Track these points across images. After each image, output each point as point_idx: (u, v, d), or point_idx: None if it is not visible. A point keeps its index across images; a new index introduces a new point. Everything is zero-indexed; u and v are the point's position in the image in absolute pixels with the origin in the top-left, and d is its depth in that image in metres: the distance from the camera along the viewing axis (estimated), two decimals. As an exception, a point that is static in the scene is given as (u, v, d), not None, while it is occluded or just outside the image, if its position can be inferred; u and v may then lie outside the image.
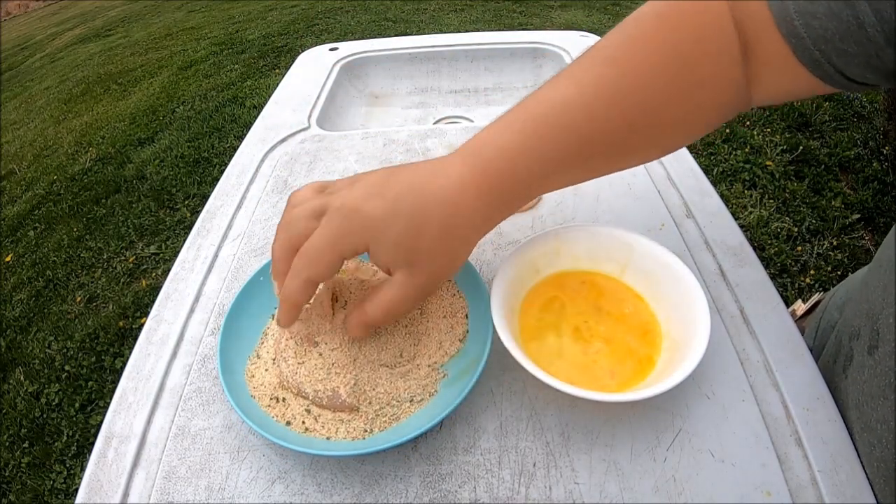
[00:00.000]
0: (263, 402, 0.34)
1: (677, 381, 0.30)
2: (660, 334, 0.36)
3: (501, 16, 3.65)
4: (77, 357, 1.57)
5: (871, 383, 0.31)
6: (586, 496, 0.30)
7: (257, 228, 0.50)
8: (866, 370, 0.32)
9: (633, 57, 0.32)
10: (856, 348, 0.34)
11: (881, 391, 0.30)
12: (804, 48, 0.28)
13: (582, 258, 0.40)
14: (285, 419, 0.33)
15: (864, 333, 0.33)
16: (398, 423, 0.32)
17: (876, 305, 0.32)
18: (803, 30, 0.27)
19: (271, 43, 3.62)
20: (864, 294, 0.35)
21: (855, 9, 0.25)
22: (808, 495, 0.29)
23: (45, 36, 5.83)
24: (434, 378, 0.35)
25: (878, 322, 0.31)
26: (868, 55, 0.26)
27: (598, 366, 0.34)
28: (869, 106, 2.16)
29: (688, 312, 0.34)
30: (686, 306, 0.35)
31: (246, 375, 0.35)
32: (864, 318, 0.33)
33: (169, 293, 0.45)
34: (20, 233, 2.22)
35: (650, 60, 0.31)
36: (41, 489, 1.27)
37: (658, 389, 0.30)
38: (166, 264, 1.85)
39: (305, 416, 0.33)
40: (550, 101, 0.32)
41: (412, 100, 0.82)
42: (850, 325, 0.36)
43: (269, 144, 0.63)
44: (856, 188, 1.79)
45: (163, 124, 2.80)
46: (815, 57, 0.28)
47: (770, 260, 1.57)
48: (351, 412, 0.33)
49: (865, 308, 0.34)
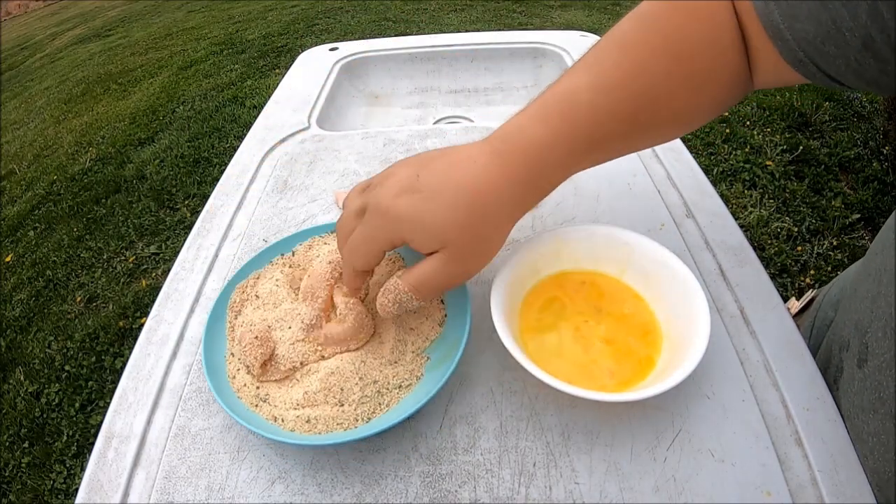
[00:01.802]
0: (250, 403, 0.34)
1: (677, 380, 0.30)
2: (660, 334, 0.36)
3: (501, 16, 3.65)
4: (77, 357, 1.57)
5: (861, 396, 0.31)
6: (586, 496, 0.30)
7: (257, 228, 0.50)
8: (856, 383, 0.32)
9: (646, 43, 0.33)
10: (846, 360, 0.34)
11: (871, 405, 0.30)
12: (789, 49, 0.28)
13: (582, 258, 0.40)
14: (272, 416, 0.33)
15: (854, 346, 0.33)
16: (389, 410, 0.33)
17: (865, 317, 0.32)
18: (788, 32, 0.28)
19: (271, 43, 3.62)
20: (853, 303, 0.35)
21: (831, 11, 0.25)
22: (808, 495, 0.29)
23: (45, 36, 5.83)
24: (419, 363, 0.36)
25: (867, 335, 0.31)
26: (847, 58, 0.26)
27: (597, 366, 0.34)
28: (869, 106, 2.16)
29: (688, 313, 0.34)
30: (686, 306, 0.35)
31: (227, 376, 0.36)
32: (854, 330, 0.33)
33: (169, 293, 0.45)
34: (20, 233, 2.22)
35: (662, 46, 0.32)
36: (41, 489, 1.27)
37: (658, 389, 0.30)
38: (166, 264, 1.85)
39: (296, 414, 0.33)
40: (571, 90, 0.33)
41: (412, 100, 0.82)
42: (840, 335, 0.36)
43: (269, 144, 0.63)
44: (856, 188, 1.79)
45: (163, 124, 2.80)
46: (799, 57, 0.28)
47: (770, 260, 1.57)
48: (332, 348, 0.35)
49: (854, 319, 0.34)
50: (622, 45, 0.33)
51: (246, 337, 0.35)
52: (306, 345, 0.36)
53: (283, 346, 0.36)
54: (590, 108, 0.32)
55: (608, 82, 0.32)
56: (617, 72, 0.32)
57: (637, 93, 0.32)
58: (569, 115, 0.32)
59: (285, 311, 0.37)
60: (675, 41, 0.32)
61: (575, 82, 0.33)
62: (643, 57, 0.32)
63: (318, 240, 0.44)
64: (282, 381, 0.35)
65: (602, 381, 0.34)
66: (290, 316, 0.37)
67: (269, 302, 0.39)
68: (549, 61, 0.81)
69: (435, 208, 0.30)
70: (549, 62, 0.80)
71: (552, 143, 0.32)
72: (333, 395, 0.33)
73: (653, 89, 0.32)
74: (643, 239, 0.38)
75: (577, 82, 0.33)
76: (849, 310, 0.36)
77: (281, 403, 0.34)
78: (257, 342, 0.35)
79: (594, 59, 0.34)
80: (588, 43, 0.81)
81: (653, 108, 0.33)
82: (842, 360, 0.34)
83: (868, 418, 0.30)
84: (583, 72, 0.33)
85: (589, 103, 0.32)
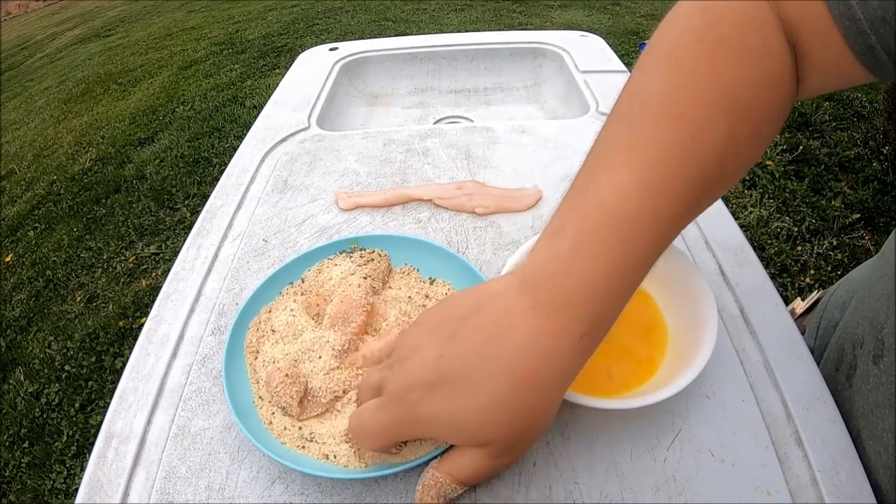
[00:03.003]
0: (296, 446, 0.32)
1: (678, 389, 0.30)
2: (665, 334, 0.36)
3: (501, 16, 3.65)
4: (77, 357, 1.57)
5: (876, 393, 0.31)
6: (586, 496, 0.30)
7: (257, 228, 0.50)
8: (871, 379, 0.31)
9: (692, 105, 0.25)
10: (860, 357, 0.33)
11: (887, 400, 0.29)
12: (858, 31, 0.23)
13: None
14: (323, 454, 0.32)
15: (869, 342, 0.33)
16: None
17: (880, 314, 0.32)
18: (860, 9, 0.23)
19: (271, 43, 3.62)
20: (868, 302, 0.35)
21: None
22: (808, 495, 0.29)
23: (45, 36, 5.83)
24: None
25: (883, 332, 0.31)
26: None
27: (595, 365, 0.34)
28: (869, 106, 2.16)
29: (696, 319, 0.34)
30: (695, 313, 0.34)
31: (263, 423, 0.33)
32: (868, 327, 0.33)
33: (169, 293, 0.45)
34: (20, 233, 2.22)
35: (713, 106, 0.25)
36: (41, 489, 1.27)
37: (658, 397, 0.30)
38: (166, 264, 1.85)
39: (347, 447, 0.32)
40: (618, 199, 0.25)
41: (412, 100, 0.82)
42: (853, 333, 0.35)
43: (269, 144, 0.63)
44: (856, 188, 1.79)
45: (163, 124, 2.80)
46: (869, 43, 0.23)
47: (770, 260, 1.57)
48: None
49: (869, 316, 0.33)
50: (666, 110, 0.26)
51: (275, 377, 0.33)
52: (343, 371, 0.34)
53: (316, 378, 0.34)
54: (650, 218, 0.25)
55: (663, 173, 0.25)
56: (671, 152, 0.25)
57: (700, 177, 0.25)
58: (626, 236, 0.24)
59: (311, 341, 0.35)
60: (733, 88, 0.25)
61: (617, 184, 0.25)
62: (699, 122, 0.25)
63: (328, 262, 0.42)
64: (323, 414, 0.33)
65: (601, 382, 0.33)
66: (318, 345, 0.35)
67: (287, 334, 0.37)
68: (548, 61, 0.81)
69: (474, 406, 0.24)
70: (549, 62, 0.80)
71: (610, 282, 0.25)
72: None
73: (718, 160, 0.25)
74: None
75: (620, 183, 0.25)
76: (863, 308, 0.35)
77: (329, 440, 0.32)
78: (288, 380, 0.32)
79: (630, 138, 0.26)
80: (588, 42, 0.81)
81: (718, 178, 0.26)
82: (856, 358, 0.34)
83: (884, 414, 0.30)
84: (624, 165, 0.25)
85: (646, 211, 0.25)
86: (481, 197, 0.50)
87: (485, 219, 0.49)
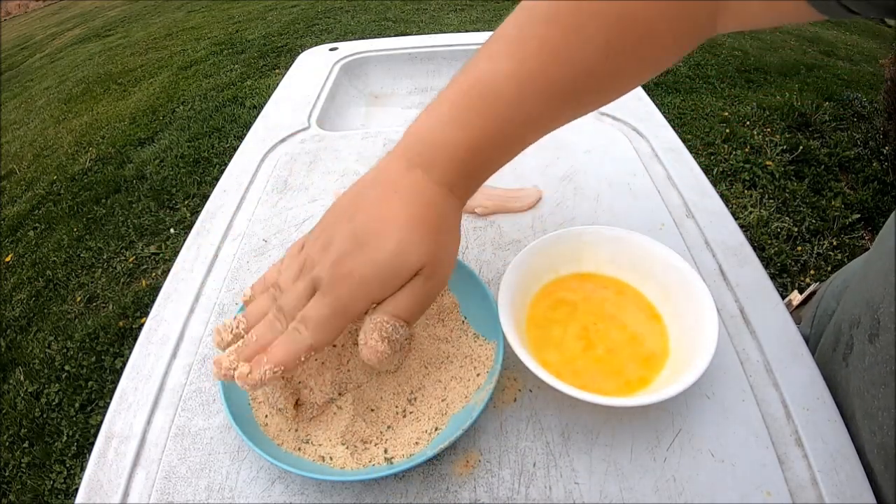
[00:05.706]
0: (293, 448, 0.32)
1: (679, 389, 0.30)
2: (663, 360, 0.35)
3: (501, 16, 3.58)
4: (77, 357, 1.57)
5: (872, 371, 0.31)
6: (586, 496, 0.30)
7: (257, 228, 0.50)
8: (867, 358, 0.31)
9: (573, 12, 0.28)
10: (856, 336, 0.33)
11: (882, 379, 0.30)
12: None
13: (604, 262, 0.40)
14: (318, 456, 0.32)
15: (865, 321, 0.33)
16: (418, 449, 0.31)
17: (876, 293, 0.32)
18: None
19: (271, 43, 3.62)
20: (864, 282, 0.35)
21: None
22: (808, 495, 0.29)
23: (45, 36, 5.83)
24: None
25: (879, 311, 0.31)
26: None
27: (596, 364, 0.34)
28: (869, 106, 2.16)
29: (697, 334, 0.34)
30: (697, 328, 0.34)
31: (259, 425, 0.33)
32: (865, 307, 0.33)
33: (169, 293, 0.45)
34: (20, 233, 2.22)
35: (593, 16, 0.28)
36: (41, 489, 1.27)
37: (659, 397, 0.30)
38: (166, 264, 1.85)
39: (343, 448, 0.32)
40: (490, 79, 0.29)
41: (412, 100, 0.82)
42: (850, 313, 0.35)
43: (269, 144, 0.63)
44: (856, 188, 1.80)
45: (163, 124, 2.80)
46: None
47: (770, 260, 1.57)
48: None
49: (866, 296, 0.33)
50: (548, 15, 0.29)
51: None
52: (338, 373, 0.34)
53: (310, 380, 0.33)
54: (516, 101, 0.29)
55: (536, 68, 0.28)
56: (544, 51, 0.28)
57: (572, 75, 0.29)
58: (490, 111, 0.29)
59: None
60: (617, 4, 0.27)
61: (494, 69, 0.29)
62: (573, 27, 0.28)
63: None
64: (319, 416, 0.34)
65: (602, 383, 0.33)
66: None
67: None
68: (549, 61, 0.80)
69: (394, 249, 0.28)
70: (549, 62, 0.80)
71: (472, 145, 0.30)
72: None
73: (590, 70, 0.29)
74: (670, 253, 0.38)
75: (496, 69, 0.29)
76: (860, 290, 0.35)
77: (325, 441, 0.32)
78: (282, 382, 0.32)
79: (515, 35, 0.30)
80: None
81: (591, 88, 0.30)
82: (852, 337, 0.34)
83: (879, 392, 0.30)
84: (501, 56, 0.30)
85: (514, 97, 0.29)
86: (481, 197, 0.50)
87: (485, 219, 0.49)
